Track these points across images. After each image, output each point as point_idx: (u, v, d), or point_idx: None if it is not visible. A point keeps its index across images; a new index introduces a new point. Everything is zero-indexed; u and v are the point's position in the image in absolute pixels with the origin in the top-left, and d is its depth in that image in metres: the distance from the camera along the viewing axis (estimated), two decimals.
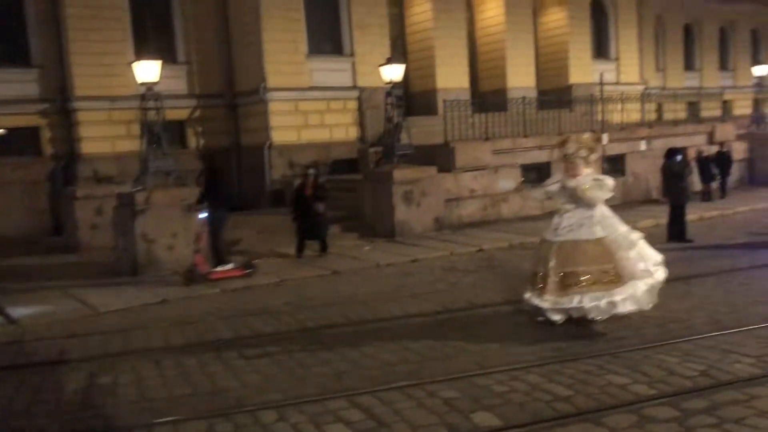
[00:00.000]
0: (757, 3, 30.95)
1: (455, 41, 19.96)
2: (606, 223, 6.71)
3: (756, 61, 27.62)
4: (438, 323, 7.39)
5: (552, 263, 6.59)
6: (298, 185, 12.69)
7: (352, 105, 18.20)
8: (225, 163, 17.85)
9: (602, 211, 6.78)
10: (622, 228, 6.78)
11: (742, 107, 27.32)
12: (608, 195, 6.76)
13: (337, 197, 15.31)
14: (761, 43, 31.68)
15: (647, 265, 6.60)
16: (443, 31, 19.70)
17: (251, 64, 17.39)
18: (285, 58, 17.13)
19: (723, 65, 30.40)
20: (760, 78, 23.22)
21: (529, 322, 7.01)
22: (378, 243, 13.21)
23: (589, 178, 6.78)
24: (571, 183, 6.75)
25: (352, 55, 18.23)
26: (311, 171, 12.45)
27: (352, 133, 18.19)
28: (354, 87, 18.21)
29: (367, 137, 17.95)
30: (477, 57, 21.70)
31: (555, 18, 22.77)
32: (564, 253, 6.58)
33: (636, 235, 6.75)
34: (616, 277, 6.45)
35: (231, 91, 18.30)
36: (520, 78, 21.31)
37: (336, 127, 17.94)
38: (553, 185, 7.06)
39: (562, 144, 7.06)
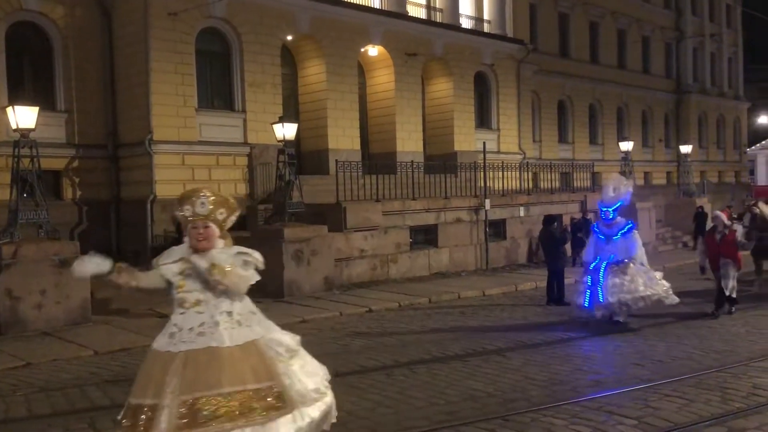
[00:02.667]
0: (622, 84, 34.01)
1: (347, 104, 20.35)
2: (254, 321, 4.45)
3: (621, 137, 30.07)
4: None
5: (171, 387, 4.03)
6: (173, 239, 12.20)
7: (242, 161, 17.95)
8: (103, 216, 16.97)
9: (247, 303, 4.49)
10: (277, 329, 4.57)
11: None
12: (256, 278, 4.48)
13: None
14: (625, 121, 34.65)
15: (318, 382, 4.53)
16: (335, 94, 20.04)
17: (137, 115, 16.81)
18: (173, 111, 16.71)
19: (593, 139, 32.86)
20: (625, 152, 25.25)
21: (421, 386, 6.98)
22: (266, 303, 12.78)
23: (228, 253, 4.38)
24: (201, 261, 4.26)
25: (243, 111, 18.09)
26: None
27: (241, 189, 17.86)
28: (245, 143, 18.01)
29: (257, 194, 17.68)
30: (368, 120, 22.20)
31: (442, 88, 23.83)
32: (192, 370, 4.08)
33: (297, 340, 4.62)
34: (277, 400, 4.17)
35: (114, 142, 17.52)
36: (409, 143, 21.97)
37: (225, 182, 17.53)
38: (171, 263, 4.42)
39: (183, 200, 4.48)
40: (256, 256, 4.50)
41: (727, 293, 10.90)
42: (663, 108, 37.60)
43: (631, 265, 10.00)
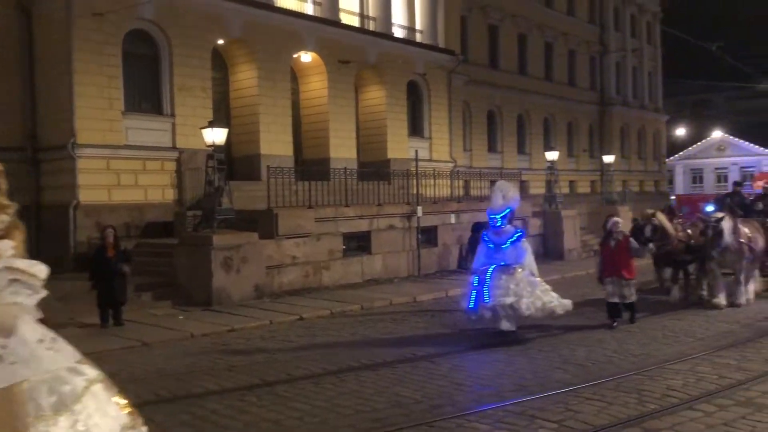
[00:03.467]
0: (549, 96, 35.08)
1: (280, 109, 20.20)
2: (26, 354, 2.98)
3: (548, 147, 30.99)
4: (257, 398, 7.11)
5: None
6: (98, 246, 11.80)
7: (171, 166, 17.54)
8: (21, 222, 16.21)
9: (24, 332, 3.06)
10: (67, 364, 3.08)
11: (537, 187, 30.37)
12: (34, 299, 3.23)
13: (149, 262, 14.48)
14: (551, 131, 35.74)
15: None
16: (268, 99, 19.87)
17: (59, 117, 16.16)
18: (98, 114, 16.17)
19: (521, 149, 33.75)
20: (552, 162, 26.03)
21: (349, 394, 6.99)
22: (194, 312, 12.59)
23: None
24: None
25: (172, 115, 17.70)
26: (110, 230, 11.64)
27: (169, 195, 17.46)
28: (173, 148, 17.62)
29: (186, 200, 17.30)
30: (301, 126, 22.10)
31: (375, 96, 23.99)
32: None
33: (91, 378, 3.09)
34: None
35: (33, 145, 16.80)
36: (342, 149, 22.00)
37: (152, 188, 17.11)
38: None
39: None
40: (34, 271, 3.16)
41: (619, 300, 10.81)
42: (588, 119, 39.00)
43: (519, 270, 9.88)
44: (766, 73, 58.47)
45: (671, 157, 54.41)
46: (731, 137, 56.46)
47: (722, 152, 56.40)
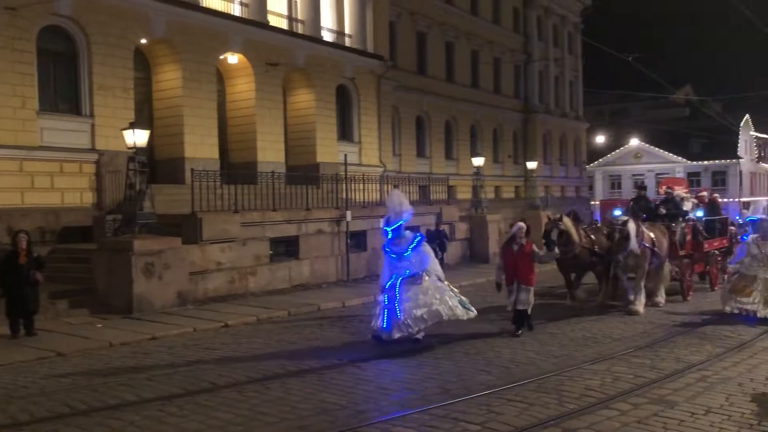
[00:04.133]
0: (476, 103, 35.76)
1: (205, 111, 19.77)
2: None
3: (474, 153, 31.59)
4: (177, 407, 6.91)
5: None
6: (8, 253, 11.16)
7: (90, 168, 16.87)
8: None
9: None
10: None
11: (464, 192, 30.91)
12: None
13: (66, 268, 13.89)
14: (478, 137, 36.44)
15: None
16: (193, 100, 19.42)
17: None
18: (9, 113, 15.37)
19: (449, 154, 34.25)
20: (478, 167, 26.53)
21: (273, 402, 6.88)
22: (113, 320, 12.13)
23: None
24: None
25: (91, 116, 17.03)
26: (23, 235, 11.07)
27: (88, 198, 16.78)
28: (92, 149, 16.95)
29: (105, 204, 16.67)
30: (227, 129, 21.70)
31: (304, 99, 23.83)
32: None
33: None
34: None
35: None
36: (270, 153, 21.73)
37: (69, 191, 16.41)
38: None
39: None
40: None
41: (523, 307, 10.60)
42: (512, 126, 40.00)
43: (426, 277, 9.79)
44: (679, 84, 61.73)
45: (591, 164, 56.47)
46: (647, 145, 59.08)
47: (639, 159, 58.95)
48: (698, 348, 9.59)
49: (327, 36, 24.57)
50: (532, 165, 33.00)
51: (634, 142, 59.01)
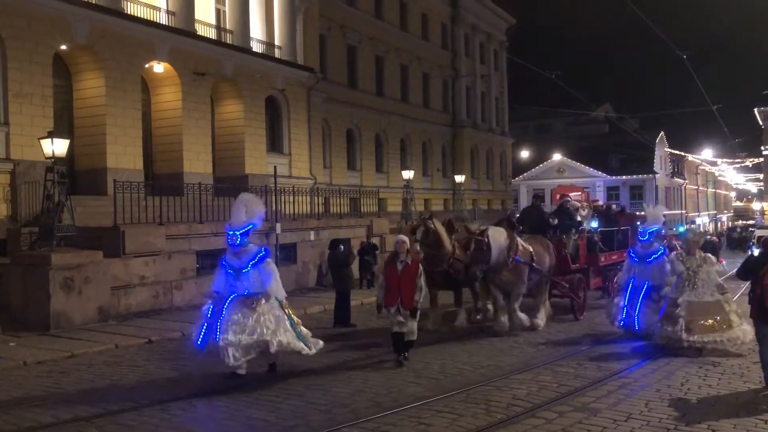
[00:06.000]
0: (405, 117, 36.18)
1: (129, 121, 19.17)
2: None
3: (404, 166, 31.95)
4: (97, 428, 6.62)
5: None
6: None
7: (4, 179, 16.04)
8: None
9: None
10: None
11: (394, 205, 31.18)
12: None
13: None
14: (408, 151, 36.86)
15: None
16: (116, 109, 18.80)
17: None
18: None
19: (379, 167, 34.48)
20: (408, 180, 26.85)
21: (197, 419, 6.70)
22: (28, 338, 11.53)
23: None
24: None
25: (6, 124, 16.23)
26: None
27: (2, 210, 15.94)
28: (7, 159, 16.14)
29: (21, 216, 15.88)
30: (153, 139, 21.12)
31: (232, 110, 23.48)
32: None
33: None
34: None
35: None
36: (197, 164, 21.28)
37: None
38: None
39: None
40: None
41: (410, 338, 9.34)
42: (441, 140, 40.67)
43: (263, 301, 8.28)
44: (599, 102, 64.42)
45: (516, 178, 57.99)
46: (569, 160, 61.21)
47: (562, 174, 60.95)
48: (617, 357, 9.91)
49: (256, 47, 24.35)
50: (459, 178, 33.66)
51: (557, 157, 61.01)
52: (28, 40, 16.64)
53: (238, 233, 8.36)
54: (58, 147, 13.57)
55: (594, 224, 14.73)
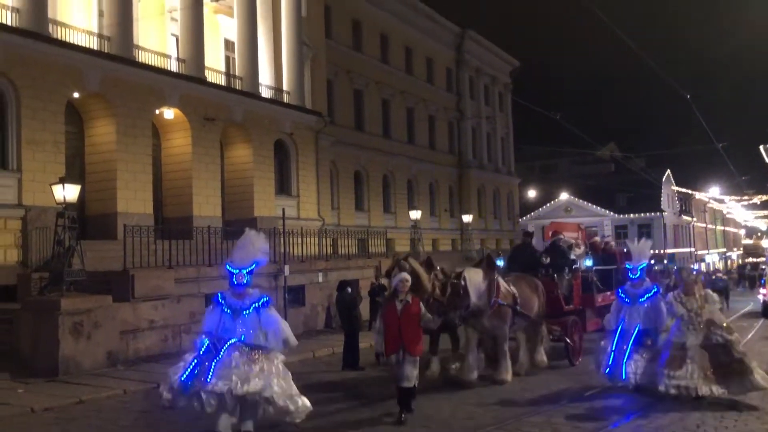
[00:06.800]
0: (412, 158, 36.49)
1: (140, 166, 19.44)
2: None
3: (411, 206, 32.11)
4: None
5: None
6: None
7: (15, 225, 16.22)
8: None
9: None
10: None
11: (402, 245, 31.19)
12: None
13: None
14: (415, 191, 37.06)
15: None
16: (127, 155, 19.09)
17: None
18: None
19: (386, 208, 34.64)
20: (415, 221, 26.93)
21: None
22: (36, 384, 11.49)
23: None
24: None
25: (18, 170, 16.49)
26: None
27: (13, 255, 16.09)
28: (19, 205, 16.34)
29: (32, 261, 16.00)
30: (163, 183, 21.37)
31: (241, 153, 23.79)
32: None
33: None
34: None
35: None
36: (207, 207, 21.47)
37: None
38: None
39: None
40: None
41: (408, 384, 8.43)
42: (447, 180, 40.90)
43: (270, 357, 7.38)
44: (604, 141, 64.76)
45: (524, 217, 58.01)
46: (576, 199, 61.28)
47: (569, 213, 60.95)
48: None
49: (265, 92, 24.77)
50: (467, 218, 33.73)
51: (564, 196, 61.12)
52: (42, 89, 17.02)
53: (244, 271, 7.61)
54: (69, 193, 13.76)
55: (588, 262, 13.85)
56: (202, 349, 7.32)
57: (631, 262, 10.41)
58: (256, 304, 7.50)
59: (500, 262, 12.91)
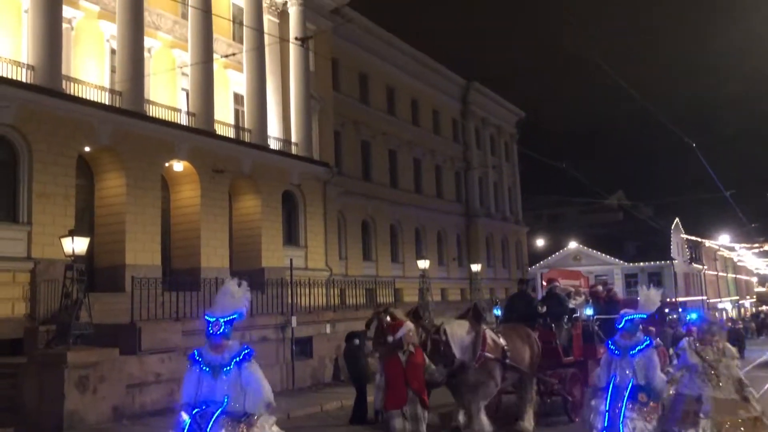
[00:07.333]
0: (419, 207, 36.61)
1: (148, 218, 19.57)
2: None
3: (420, 256, 32.00)
4: None
5: None
6: None
7: (24, 278, 16.25)
8: None
9: None
10: None
11: (411, 295, 30.95)
12: None
13: None
14: (422, 240, 37.03)
15: None
16: (136, 207, 19.23)
17: None
18: None
19: (394, 257, 34.55)
20: (424, 270, 26.77)
21: None
22: None
23: None
24: None
25: (29, 223, 16.61)
26: None
27: (20, 309, 16.06)
28: (28, 258, 16.41)
29: (39, 314, 15.96)
30: (171, 235, 21.46)
31: (249, 204, 23.93)
32: None
33: None
34: None
35: None
36: (215, 259, 21.48)
37: (0, 301, 15.70)
38: None
39: None
40: None
41: None
42: (455, 229, 40.89)
43: (261, 425, 6.40)
44: (612, 189, 64.89)
45: (533, 266, 57.70)
46: (585, 248, 60.98)
47: (578, 261, 60.57)
48: None
49: (274, 144, 25.08)
50: (476, 267, 33.52)
51: (573, 245, 60.86)
52: (54, 143, 17.29)
53: (222, 320, 6.62)
54: (78, 245, 13.81)
55: (589, 311, 13.12)
56: (185, 426, 6.26)
57: (625, 310, 9.19)
58: (237, 359, 6.51)
59: (497, 312, 12.39)
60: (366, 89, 33.85)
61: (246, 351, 6.53)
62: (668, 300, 39.13)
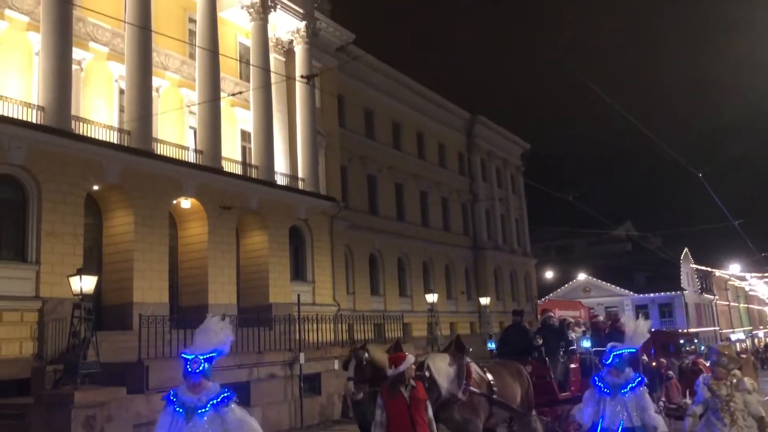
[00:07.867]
0: (426, 240, 36.55)
1: (156, 255, 19.60)
2: None
3: (428, 289, 31.84)
4: None
5: None
6: None
7: (32, 317, 16.24)
8: None
9: None
10: None
11: (419, 329, 30.73)
12: None
13: None
14: (431, 274, 36.89)
15: None
16: (144, 245, 19.29)
17: None
18: None
19: (402, 291, 34.40)
20: (432, 304, 26.63)
21: None
22: None
23: None
24: None
25: (37, 262, 16.66)
26: None
27: (28, 348, 16.01)
28: (36, 297, 16.42)
29: (47, 353, 15.91)
30: (179, 272, 21.47)
31: (257, 240, 23.96)
32: None
33: None
34: None
35: None
36: (222, 295, 21.43)
37: (7, 341, 15.67)
38: None
39: None
40: None
41: None
42: (463, 262, 40.74)
43: None
44: (620, 221, 64.70)
45: (543, 298, 57.27)
46: (594, 279, 60.61)
47: (588, 293, 60.15)
48: None
49: (281, 179, 25.22)
50: (484, 301, 33.33)
51: (582, 276, 60.52)
52: (62, 182, 17.43)
53: (201, 357, 6.18)
54: (86, 284, 13.84)
55: (586, 343, 12.45)
56: None
57: (612, 345, 8.34)
58: (215, 401, 6.01)
59: (491, 345, 11.70)
60: (372, 124, 34.15)
61: (225, 394, 6.10)
62: (682, 330, 38.60)
